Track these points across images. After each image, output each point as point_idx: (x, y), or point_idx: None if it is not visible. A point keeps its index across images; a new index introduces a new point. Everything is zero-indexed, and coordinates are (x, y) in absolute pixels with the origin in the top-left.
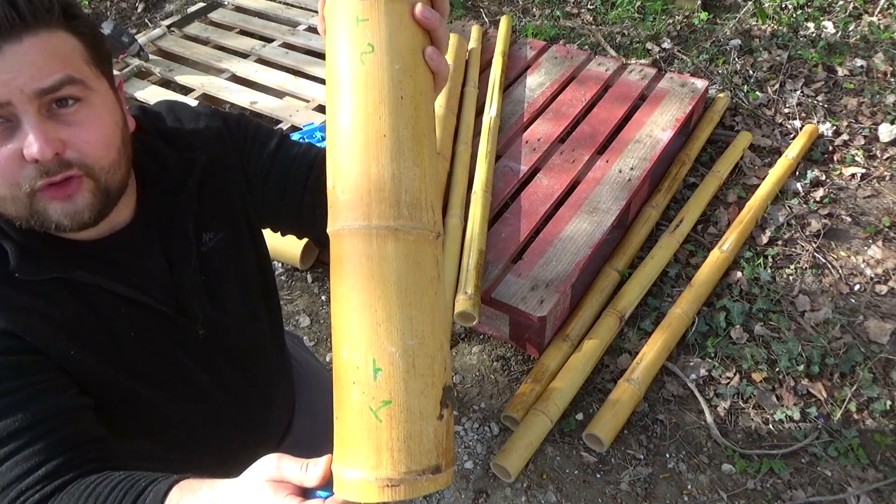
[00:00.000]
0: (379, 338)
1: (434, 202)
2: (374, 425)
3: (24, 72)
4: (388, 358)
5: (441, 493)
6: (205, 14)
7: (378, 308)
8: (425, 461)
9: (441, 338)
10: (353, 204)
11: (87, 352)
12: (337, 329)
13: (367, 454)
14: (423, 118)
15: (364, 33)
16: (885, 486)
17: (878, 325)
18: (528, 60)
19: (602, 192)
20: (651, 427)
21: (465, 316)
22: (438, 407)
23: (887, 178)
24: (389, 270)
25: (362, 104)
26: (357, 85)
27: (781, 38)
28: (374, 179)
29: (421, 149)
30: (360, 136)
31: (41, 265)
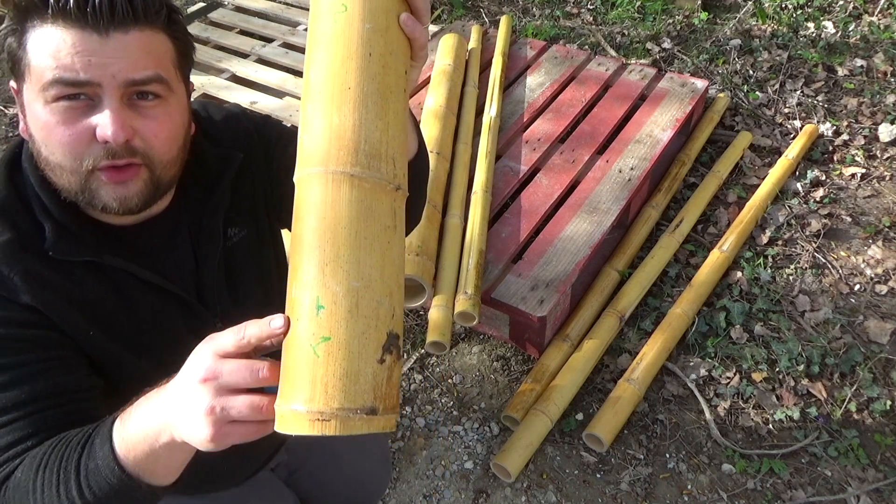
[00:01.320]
0: (325, 276)
1: (396, 156)
2: (313, 360)
3: (122, 60)
4: (331, 296)
5: (441, 493)
6: (205, 14)
7: (327, 248)
8: (360, 400)
9: (392, 285)
10: (314, 151)
11: (105, 333)
12: (290, 269)
13: (303, 387)
14: (391, 76)
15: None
16: (885, 486)
17: (878, 325)
18: (528, 60)
19: (602, 192)
20: (651, 427)
21: (464, 316)
22: (380, 351)
23: (887, 178)
24: (341, 213)
25: (331, 59)
26: (328, 42)
27: (781, 38)
28: (335, 128)
29: (386, 104)
30: (326, 88)
31: (76, 247)
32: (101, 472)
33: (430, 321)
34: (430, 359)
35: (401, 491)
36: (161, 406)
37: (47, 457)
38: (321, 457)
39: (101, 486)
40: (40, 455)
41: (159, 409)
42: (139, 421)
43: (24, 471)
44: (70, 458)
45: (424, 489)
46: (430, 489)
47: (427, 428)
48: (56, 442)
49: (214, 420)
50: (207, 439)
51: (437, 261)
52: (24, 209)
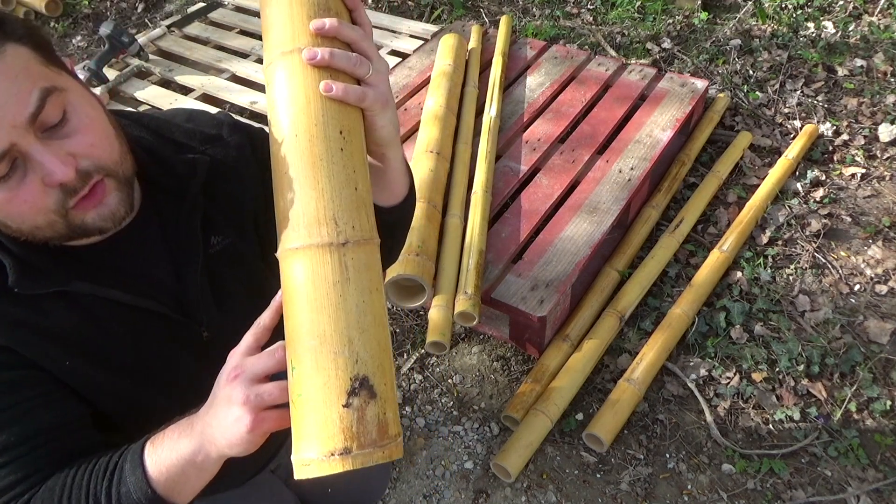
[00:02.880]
0: (293, 342)
1: (337, 213)
2: (295, 415)
3: (5, 105)
4: (297, 357)
5: (441, 493)
6: (205, 14)
7: (292, 318)
8: (330, 444)
9: (350, 334)
10: (279, 234)
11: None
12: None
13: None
14: (316, 145)
15: (271, 97)
16: (885, 486)
17: (878, 325)
18: (528, 60)
19: (602, 192)
20: (651, 427)
21: (465, 316)
22: (344, 396)
23: (887, 178)
24: (297, 285)
25: (276, 152)
26: (272, 140)
27: (781, 38)
28: (281, 211)
29: (316, 174)
30: (275, 181)
31: (40, 280)
32: (132, 496)
33: (430, 321)
34: (430, 359)
35: (401, 491)
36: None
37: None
38: None
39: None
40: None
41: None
42: (174, 444)
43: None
44: (99, 485)
45: (424, 489)
46: (430, 489)
47: (427, 428)
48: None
49: (251, 408)
50: (247, 429)
51: (437, 261)
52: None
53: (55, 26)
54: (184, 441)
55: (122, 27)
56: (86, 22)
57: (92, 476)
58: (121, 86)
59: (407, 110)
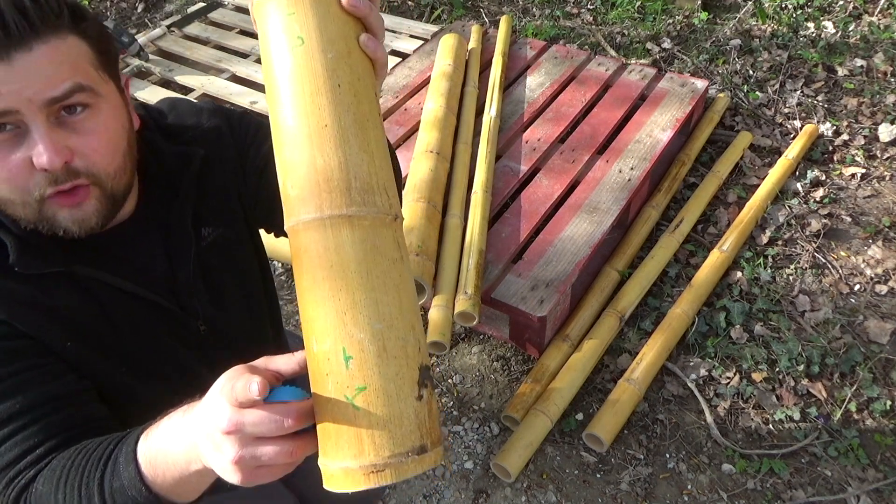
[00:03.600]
0: (346, 325)
1: (387, 185)
2: (353, 413)
3: (34, 81)
4: (357, 344)
5: (441, 493)
6: (205, 14)
7: (341, 296)
8: (408, 443)
9: (411, 318)
10: (304, 197)
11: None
12: (305, 323)
13: (349, 443)
14: (364, 104)
15: (293, 26)
16: (885, 486)
17: (878, 325)
18: (528, 60)
19: (602, 192)
20: (651, 427)
21: (465, 316)
22: (416, 388)
23: (887, 178)
24: (348, 257)
25: (299, 97)
26: (293, 78)
27: (781, 38)
28: (321, 170)
29: (366, 134)
30: (302, 129)
31: (41, 260)
32: (126, 492)
33: (430, 321)
34: (430, 359)
35: (401, 491)
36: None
37: (67, 471)
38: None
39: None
40: (60, 468)
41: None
42: (166, 446)
43: (45, 483)
44: (92, 475)
45: (424, 489)
46: (430, 489)
47: None
48: (75, 455)
49: (243, 468)
50: (238, 482)
51: (437, 261)
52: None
53: None
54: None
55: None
56: None
57: (87, 464)
58: None
59: (407, 110)
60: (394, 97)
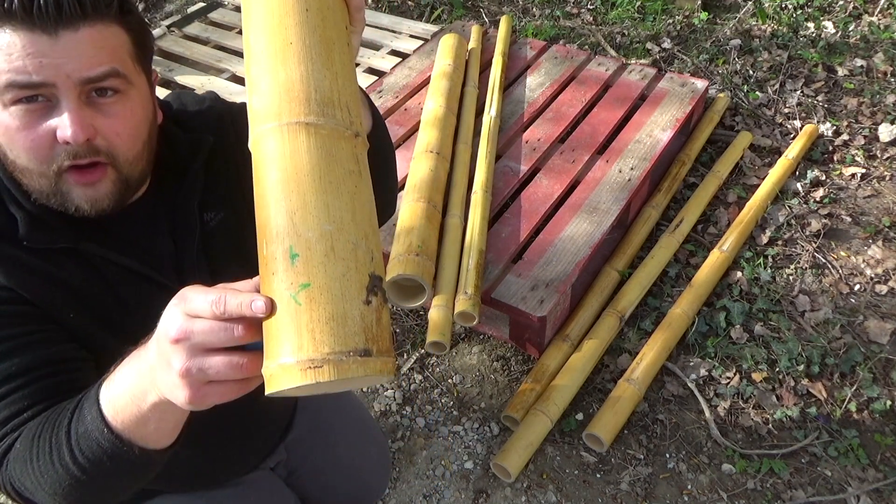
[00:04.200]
0: (295, 225)
1: (350, 104)
2: (295, 309)
3: (75, 59)
4: (304, 243)
5: (441, 493)
6: (205, 14)
7: (293, 198)
8: (351, 343)
9: (365, 228)
10: (265, 108)
11: (88, 316)
12: (259, 230)
13: (290, 339)
14: (330, 29)
15: None
16: (885, 486)
17: (878, 325)
18: (528, 60)
19: (602, 192)
20: (651, 427)
21: (465, 316)
22: (364, 292)
23: (887, 178)
24: (302, 161)
25: (268, 19)
26: (262, 2)
27: (781, 38)
28: (282, 82)
29: (331, 55)
30: (268, 47)
31: (50, 235)
32: (90, 435)
33: (430, 321)
34: (430, 359)
35: (401, 491)
36: (142, 367)
37: (41, 426)
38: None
39: (93, 450)
40: (35, 425)
41: (141, 370)
42: (123, 382)
43: (22, 441)
44: (60, 425)
45: (424, 489)
46: (430, 489)
47: (427, 428)
48: (51, 412)
49: (190, 381)
50: (186, 401)
51: (437, 261)
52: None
53: None
54: (134, 378)
55: None
56: None
57: (59, 416)
58: None
59: (407, 110)
60: (394, 97)
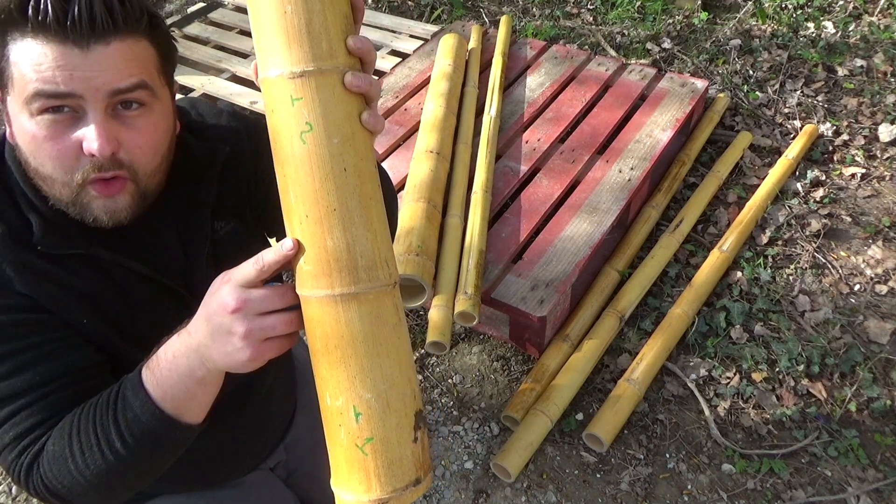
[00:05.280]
0: (356, 388)
1: (388, 257)
2: (362, 458)
3: (105, 72)
4: (365, 403)
5: (441, 493)
6: (205, 14)
7: (351, 363)
8: (407, 478)
9: (409, 373)
10: (316, 275)
11: (101, 321)
12: (319, 380)
13: (360, 481)
14: (367, 183)
15: (301, 112)
16: (885, 486)
17: (878, 325)
18: (528, 60)
19: (602, 192)
20: (651, 427)
21: (465, 316)
22: (413, 432)
23: (887, 178)
24: (356, 330)
25: (308, 182)
26: (302, 164)
27: (781, 38)
28: (331, 251)
29: (370, 213)
30: (312, 213)
31: (63, 241)
32: (140, 419)
33: (430, 321)
34: (430, 359)
35: None
36: (191, 344)
37: (78, 422)
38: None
39: (144, 432)
40: (68, 424)
41: (188, 350)
42: (170, 364)
43: (55, 442)
44: (105, 416)
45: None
46: (431, 489)
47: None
48: (81, 410)
49: (253, 342)
50: (248, 360)
51: (437, 261)
52: (11, 203)
53: None
54: (181, 359)
55: None
56: None
57: (96, 410)
58: None
59: (407, 110)
60: (394, 97)
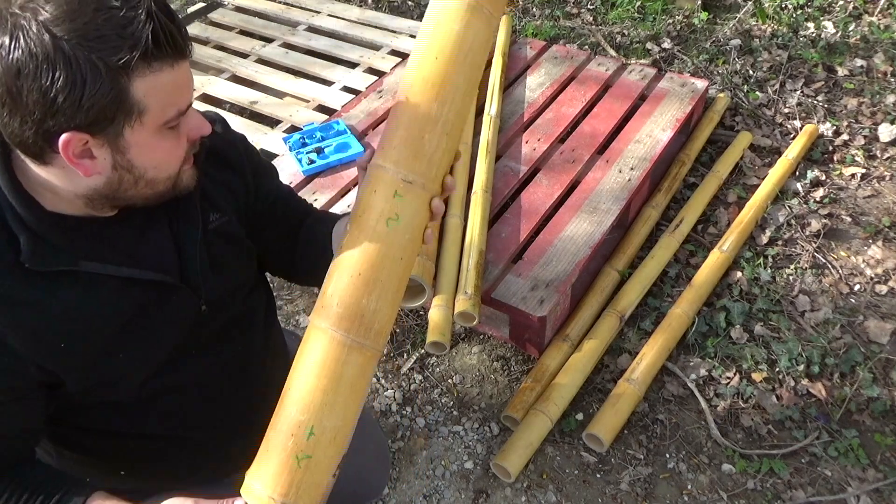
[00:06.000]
0: (323, 414)
1: (388, 329)
2: (294, 467)
3: (191, 86)
4: (320, 428)
5: (441, 493)
6: (205, 14)
7: (329, 395)
8: (312, 500)
9: (354, 422)
10: (342, 317)
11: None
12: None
13: (281, 483)
14: (406, 274)
15: (396, 205)
16: (885, 486)
17: (878, 325)
18: (528, 60)
19: (602, 192)
20: (651, 427)
21: (465, 316)
22: (336, 469)
23: (887, 178)
24: (347, 372)
25: (374, 254)
26: (376, 239)
27: (781, 38)
28: (363, 307)
29: (398, 296)
30: (364, 274)
31: (51, 257)
32: None
33: (430, 321)
34: (430, 359)
35: (401, 491)
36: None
37: None
38: None
39: None
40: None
41: None
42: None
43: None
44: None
45: (424, 489)
46: (430, 489)
47: (427, 428)
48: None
49: None
50: None
51: (437, 261)
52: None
53: None
54: None
55: None
56: None
57: None
58: None
59: None
60: (394, 97)
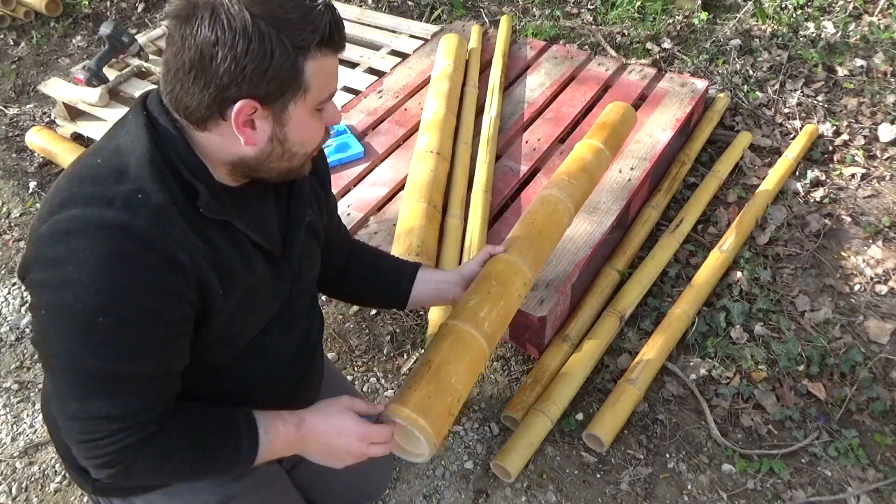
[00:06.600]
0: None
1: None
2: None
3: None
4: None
5: (441, 493)
6: None
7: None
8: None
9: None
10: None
11: (229, 291)
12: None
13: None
14: None
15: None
16: (885, 486)
17: (878, 325)
18: (528, 60)
19: (602, 192)
20: (651, 427)
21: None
22: (452, 419)
23: (887, 178)
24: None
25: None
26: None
27: (781, 38)
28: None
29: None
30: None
31: (218, 208)
32: (238, 464)
33: (430, 321)
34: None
35: (401, 491)
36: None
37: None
38: None
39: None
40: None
41: (297, 444)
42: (280, 446)
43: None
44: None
45: (424, 489)
46: (430, 489)
47: None
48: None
49: (357, 459)
50: (342, 466)
51: (438, 261)
52: (172, 170)
53: (55, 26)
54: (290, 446)
55: (123, 27)
56: (86, 22)
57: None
58: (121, 86)
59: (407, 110)
60: (394, 97)
